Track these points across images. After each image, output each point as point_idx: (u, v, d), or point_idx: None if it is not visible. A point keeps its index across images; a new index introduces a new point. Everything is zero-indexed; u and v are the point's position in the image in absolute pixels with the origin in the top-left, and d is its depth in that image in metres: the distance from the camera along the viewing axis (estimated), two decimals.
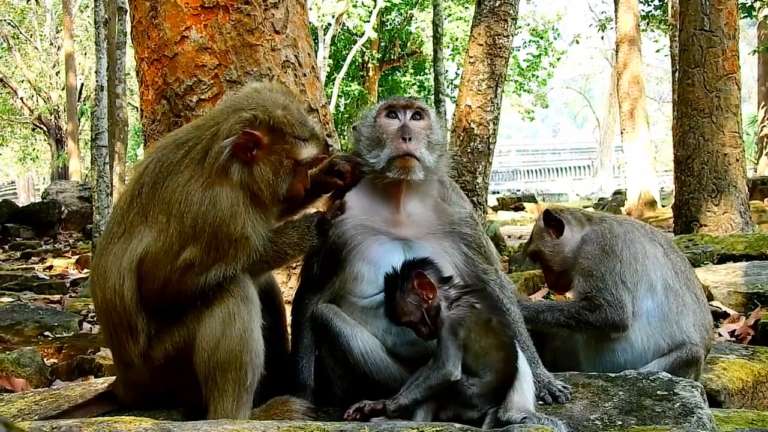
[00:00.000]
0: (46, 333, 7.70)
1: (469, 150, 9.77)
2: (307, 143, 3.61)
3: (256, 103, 3.58)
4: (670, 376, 3.76)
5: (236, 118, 3.53)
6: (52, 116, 46.97)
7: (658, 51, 37.91)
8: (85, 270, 14.51)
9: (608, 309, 4.33)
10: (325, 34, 36.52)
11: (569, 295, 4.99)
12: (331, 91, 37.74)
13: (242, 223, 3.43)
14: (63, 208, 26.61)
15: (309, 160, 3.63)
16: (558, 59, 44.50)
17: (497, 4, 9.99)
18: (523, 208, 31.35)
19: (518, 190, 51.86)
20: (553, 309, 4.51)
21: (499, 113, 10.14)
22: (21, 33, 46.38)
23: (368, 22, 37.95)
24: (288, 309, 4.14)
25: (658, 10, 33.66)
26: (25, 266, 16.32)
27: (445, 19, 33.96)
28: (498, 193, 45.43)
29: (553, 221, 4.81)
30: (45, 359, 6.33)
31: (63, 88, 43.71)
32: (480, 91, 9.91)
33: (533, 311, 4.45)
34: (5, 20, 44.07)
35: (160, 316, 3.51)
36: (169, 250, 3.42)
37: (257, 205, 3.52)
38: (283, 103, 3.62)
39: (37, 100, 47.64)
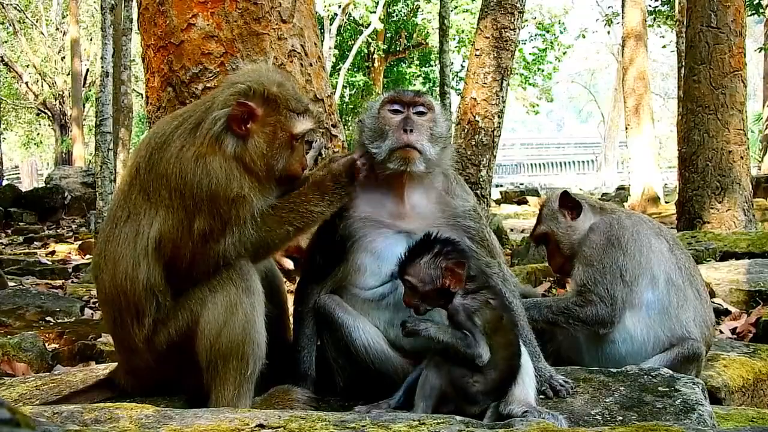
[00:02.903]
0: (48, 318, 7.71)
1: (473, 143, 9.74)
2: (302, 117, 3.65)
3: (252, 78, 3.62)
4: (671, 372, 3.77)
5: (231, 90, 3.58)
6: (57, 101, 46.94)
7: (664, 47, 37.80)
8: (88, 256, 14.51)
9: (599, 305, 4.31)
10: (331, 24, 36.55)
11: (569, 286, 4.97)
12: (336, 82, 37.73)
13: (238, 184, 3.45)
14: (66, 194, 26.64)
15: (304, 133, 3.66)
16: (564, 53, 44.40)
17: None
18: (526, 202, 31.33)
19: (521, 184, 51.76)
20: (539, 306, 4.47)
21: (504, 106, 10.11)
22: (27, 17, 46.33)
23: (374, 12, 37.90)
24: (290, 298, 4.14)
25: (665, 6, 33.62)
26: (27, 251, 16.33)
27: (452, 11, 33.88)
28: (501, 186, 45.34)
29: (570, 203, 4.78)
30: (46, 344, 6.33)
31: (68, 74, 43.71)
32: (485, 83, 9.88)
33: None
34: (11, 4, 43.98)
35: (176, 299, 3.53)
36: (181, 226, 3.45)
37: (253, 177, 3.53)
38: (278, 80, 3.66)
39: (42, 85, 47.62)
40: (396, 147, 3.66)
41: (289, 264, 4.43)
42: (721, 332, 6.22)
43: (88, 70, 45.89)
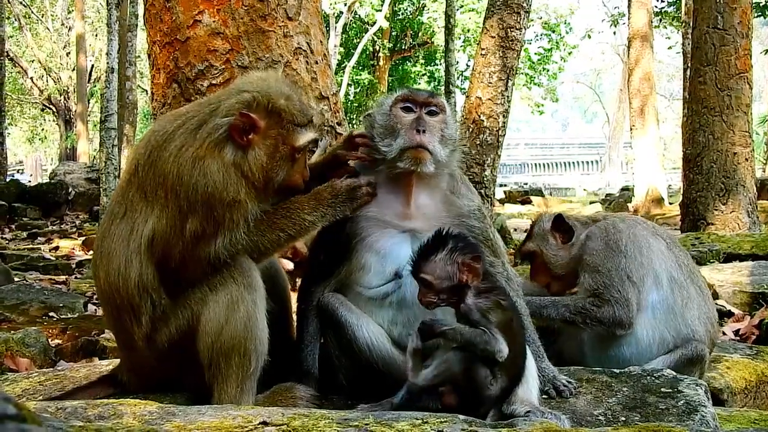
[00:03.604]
0: (51, 313, 7.70)
1: (478, 142, 9.75)
2: (305, 129, 3.62)
3: (259, 88, 3.60)
4: (674, 373, 3.76)
5: (237, 98, 3.56)
6: (62, 97, 46.98)
7: (670, 48, 37.81)
8: (91, 251, 14.49)
9: (615, 306, 4.32)
10: (336, 22, 36.53)
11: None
12: (341, 80, 37.73)
13: (234, 189, 3.43)
14: (70, 189, 26.65)
15: (306, 145, 3.64)
16: (569, 53, 44.46)
17: None
18: (530, 202, 31.35)
19: (525, 184, 51.79)
20: (557, 304, 4.47)
21: (509, 106, 10.12)
22: (33, 12, 46.37)
23: (380, 11, 37.93)
24: (293, 296, 4.14)
25: (672, 7, 33.56)
26: (31, 246, 16.32)
27: (458, 10, 33.88)
28: (505, 185, 45.32)
29: (563, 227, 4.79)
30: (50, 340, 6.33)
31: (73, 69, 43.78)
32: (491, 83, 9.89)
33: (536, 306, 4.41)
34: None
35: (172, 297, 3.52)
36: (174, 226, 3.43)
37: (250, 184, 3.52)
38: (286, 92, 3.63)
39: (47, 81, 47.65)
40: (408, 146, 3.66)
41: (288, 265, 4.42)
42: (724, 334, 6.22)
43: (93, 65, 45.91)
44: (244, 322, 3.40)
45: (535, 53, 43.79)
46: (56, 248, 15.94)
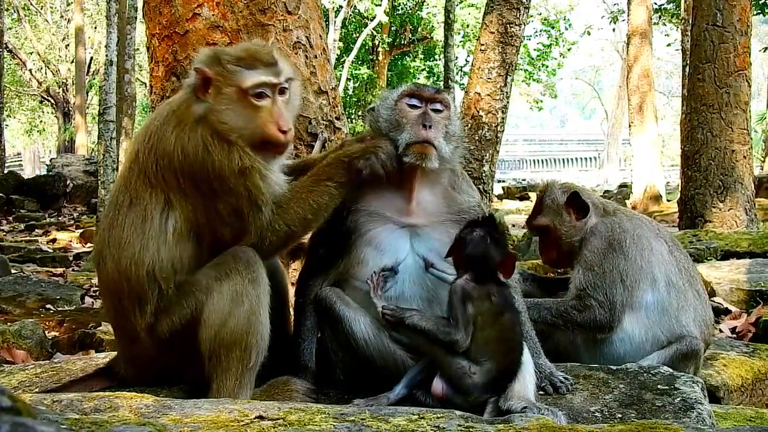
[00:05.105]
0: (48, 306, 7.71)
1: (476, 138, 9.71)
2: (253, 70, 3.54)
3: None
4: (671, 370, 3.77)
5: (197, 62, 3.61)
6: (60, 89, 46.95)
7: (669, 45, 37.85)
8: (89, 244, 14.50)
9: (597, 310, 4.31)
10: (335, 17, 36.46)
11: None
12: (340, 74, 37.67)
13: (237, 157, 3.45)
14: (68, 182, 26.67)
15: (256, 86, 3.53)
16: (568, 50, 44.42)
17: None
18: (528, 198, 31.29)
19: (524, 180, 51.82)
20: (539, 307, 4.45)
21: (508, 102, 10.09)
22: (32, 4, 46.25)
23: (379, 5, 37.87)
24: (291, 290, 4.14)
25: (671, 4, 33.56)
26: (28, 238, 16.33)
27: (457, 5, 33.82)
28: (503, 181, 45.28)
29: (578, 203, 4.71)
30: (46, 332, 6.34)
31: (72, 62, 43.71)
32: (490, 79, 9.86)
33: None
34: None
35: (179, 287, 3.55)
36: (207, 212, 3.53)
37: (248, 149, 3.52)
38: (244, 45, 3.68)
39: (45, 73, 47.61)
40: (414, 141, 3.66)
41: None
42: (721, 331, 6.23)
43: (92, 58, 45.83)
44: (247, 316, 3.42)
45: (535, 49, 43.75)
46: (54, 240, 15.95)
